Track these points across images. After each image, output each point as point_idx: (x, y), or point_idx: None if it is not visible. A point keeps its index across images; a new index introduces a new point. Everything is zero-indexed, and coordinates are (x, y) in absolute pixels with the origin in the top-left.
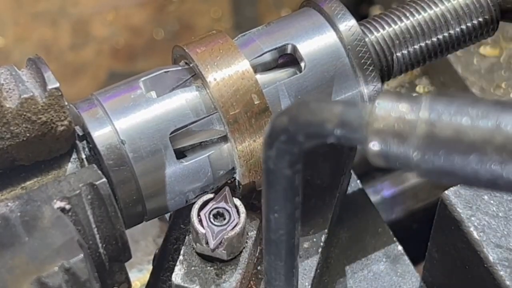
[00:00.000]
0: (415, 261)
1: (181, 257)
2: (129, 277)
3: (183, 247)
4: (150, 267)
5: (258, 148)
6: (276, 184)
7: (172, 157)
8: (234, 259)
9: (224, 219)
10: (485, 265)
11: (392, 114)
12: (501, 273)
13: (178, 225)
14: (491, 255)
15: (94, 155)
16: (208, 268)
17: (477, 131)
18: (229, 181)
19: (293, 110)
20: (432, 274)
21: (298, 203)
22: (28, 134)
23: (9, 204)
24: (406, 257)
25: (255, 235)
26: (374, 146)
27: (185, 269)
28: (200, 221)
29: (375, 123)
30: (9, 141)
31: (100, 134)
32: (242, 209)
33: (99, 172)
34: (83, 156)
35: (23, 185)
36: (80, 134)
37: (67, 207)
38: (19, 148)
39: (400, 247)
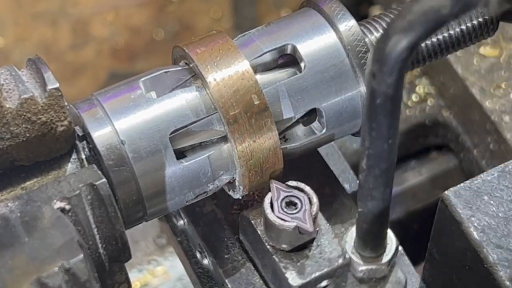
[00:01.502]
0: (415, 261)
1: (280, 265)
2: (129, 277)
3: (272, 257)
4: (150, 267)
5: (258, 148)
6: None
7: (172, 158)
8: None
9: (296, 206)
10: (485, 265)
11: None
12: (501, 273)
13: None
14: (491, 255)
15: (94, 156)
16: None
17: None
18: (229, 181)
19: (408, 16)
20: (432, 274)
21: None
22: (28, 134)
23: (9, 204)
24: (406, 257)
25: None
26: None
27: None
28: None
29: None
30: (9, 141)
31: (100, 135)
32: (305, 187)
33: (99, 172)
34: (83, 157)
35: (23, 185)
36: (80, 134)
37: (67, 207)
38: (19, 148)
39: (400, 247)
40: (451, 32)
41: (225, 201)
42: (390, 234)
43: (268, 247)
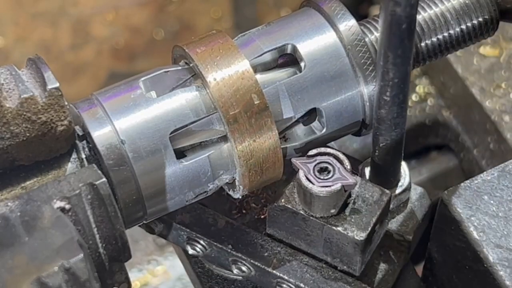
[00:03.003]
0: (415, 261)
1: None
2: (129, 277)
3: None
4: (150, 267)
5: (258, 148)
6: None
7: (172, 157)
8: None
9: (328, 170)
10: (485, 265)
11: None
12: (501, 273)
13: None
14: (491, 255)
15: (94, 155)
16: None
17: None
18: (229, 181)
19: None
20: (432, 274)
21: None
22: (28, 134)
23: (9, 204)
24: None
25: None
26: None
27: None
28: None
29: None
30: (9, 141)
31: (100, 134)
32: (326, 149)
33: (99, 172)
34: (83, 156)
35: (23, 185)
36: (80, 134)
37: (67, 207)
38: (19, 148)
39: None
40: (451, 32)
41: (222, 210)
42: None
43: (316, 220)
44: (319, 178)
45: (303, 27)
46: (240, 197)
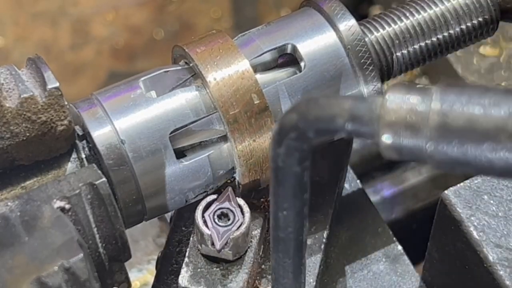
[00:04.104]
0: (415, 261)
1: (186, 259)
2: (129, 276)
3: (187, 249)
4: (150, 267)
5: (258, 147)
6: (285, 181)
7: (172, 157)
8: (239, 259)
9: (229, 219)
10: (485, 265)
11: (403, 106)
12: (501, 273)
13: (179, 227)
14: (491, 255)
15: (94, 155)
16: (214, 269)
17: (490, 119)
18: (229, 181)
19: (302, 107)
20: (432, 274)
21: (306, 200)
22: (28, 134)
23: (9, 203)
24: (406, 257)
25: (258, 234)
26: (387, 139)
27: (191, 271)
28: (205, 222)
29: (386, 116)
30: (9, 140)
31: (100, 134)
32: (246, 208)
33: (99, 171)
34: (83, 156)
35: (23, 184)
36: (80, 133)
37: (67, 206)
38: (19, 147)
39: (400, 247)
40: (451, 32)
41: None
42: None
43: None
44: (211, 216)
45: (303, 27)
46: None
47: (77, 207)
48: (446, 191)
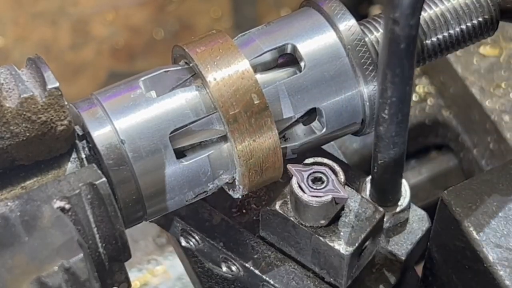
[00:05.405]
0: (415, 261)
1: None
2: (129, 276)
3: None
4: (150, 267)
5: (258, 147)
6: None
7: (172, 157)
8: None
9: (322, 180)
10: (485, 265)
11: None
12: (501, 273)
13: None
14: (491, 254)
15: (94, 155)
16: None
17: None
18: (229, 181)
19: None
20: (432, 274)
21: None
22: (28, 134)
23: (9, 203)
24: None
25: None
26: None
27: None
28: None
29: None
30: (9, 140)
31: (100, 134)
32: (323, 160)
33: (99, 171)
34: (83, 156)
35: (23, 184)
36: (80, 133)
37: (67, 206)
38: (19, 147)
39: None
40: (451, 31)
41: (222, 207)
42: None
43: (305, 229)
44: (311, 187)
45: (303, 27)
46: (240, 197)
47: (77, 207)
48: (446, 191)
